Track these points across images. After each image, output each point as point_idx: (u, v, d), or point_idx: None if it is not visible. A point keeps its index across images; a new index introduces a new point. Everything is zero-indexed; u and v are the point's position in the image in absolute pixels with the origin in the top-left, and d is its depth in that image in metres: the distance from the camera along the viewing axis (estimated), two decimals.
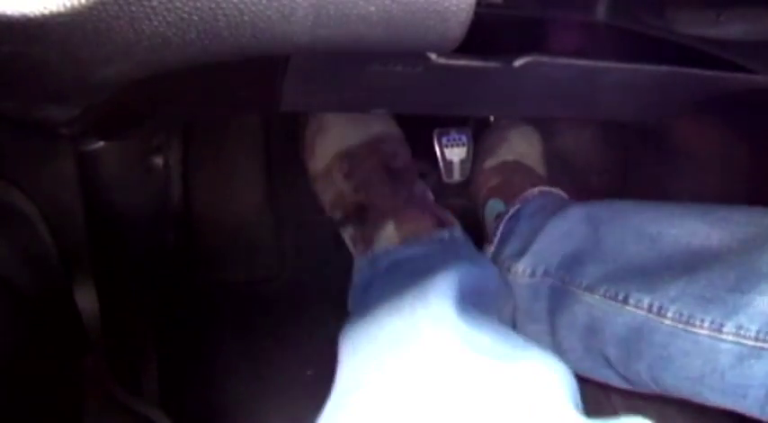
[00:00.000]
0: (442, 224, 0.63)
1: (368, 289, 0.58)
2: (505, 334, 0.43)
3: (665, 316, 0.49)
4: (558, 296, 0.59)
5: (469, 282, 0.50)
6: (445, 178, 0.77)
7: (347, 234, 0.66)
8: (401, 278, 0.52)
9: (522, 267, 0.62)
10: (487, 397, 0.35)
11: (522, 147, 0.78)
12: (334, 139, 0.69)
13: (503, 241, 0.66)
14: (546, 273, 0.60)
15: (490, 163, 0.77)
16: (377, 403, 0.37)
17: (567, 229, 0.60)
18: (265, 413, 0.63)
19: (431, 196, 0.68)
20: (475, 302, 0.48)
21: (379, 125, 0.69)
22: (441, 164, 0.77)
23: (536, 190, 0.70)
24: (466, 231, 0.81)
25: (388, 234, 0.61)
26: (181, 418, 0.62)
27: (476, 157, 0.79)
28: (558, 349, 0.60)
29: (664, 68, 0.50)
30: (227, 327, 0.71)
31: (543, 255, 0.61)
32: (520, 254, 0.62)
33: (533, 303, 0.61)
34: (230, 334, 0.70)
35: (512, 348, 0.40)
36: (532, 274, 0.61)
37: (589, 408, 0.70)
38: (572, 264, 0.58)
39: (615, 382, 0.57)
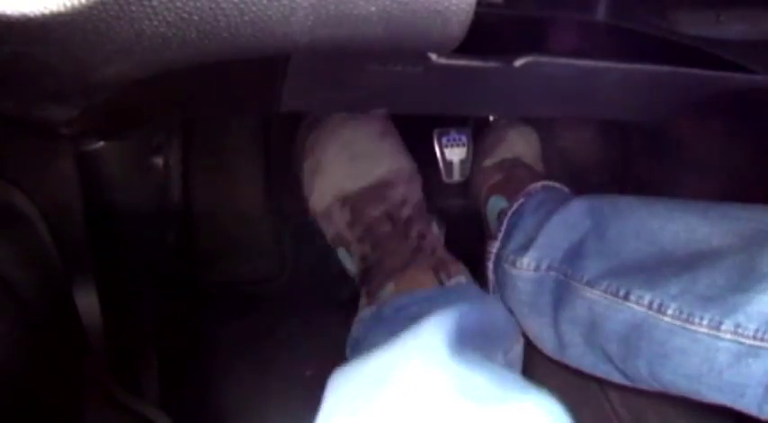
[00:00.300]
0: (447, 276, 0.61)
1: (366, 336, 0.57)
2: (503, 376, 0.41)
3: (665, 313, 0.49)
4: (561, 290, 0.59)
5: (470, 323, 0.48)
6: (445, 178, 0.77)
7: (356, 284, 0.65)
8: (400, 321, 0.51)
9: (526, 261, 0.62)
10: None
11: (520, 146, 0.78)
12: (334, 181, 0.65)
13: (507, 236, 0.66)
14: (550, 267, 0.60)
15: (490, 161, 0.77)
16: None
17: (570, 222, 0.60)
18: (265, 413, 0.63)
19: (440, 242, 0.66)
20: (476, 344, 0.46)
21: (386, 163, 0.64)
22: (441, 164, 0.77)
23: (539, 184, 0.70)
24: (466, 231, 0.81)
25: (389, 291, 0.61)
26: (181, 418, 0.62)
27: (475, 156, 0.79)
28: (559, 343, 0.60)
29: (664, 68, 0.50)
30: (227, 327, 0.70)
31: (547, 249, 0.61)
32: (524, 248, 0.62)
33: (538, 297, 0.61)
34: (230, 334, 0.70)
35: (505, 390, 0.38)
36: (537, 267, 0.61)
37: (587, 406, 0.71)
38: (574, 258, 0.58)
39: (615, 377, 0.57)
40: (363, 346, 0.55)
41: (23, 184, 0.44)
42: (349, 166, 0.64)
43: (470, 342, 0.45)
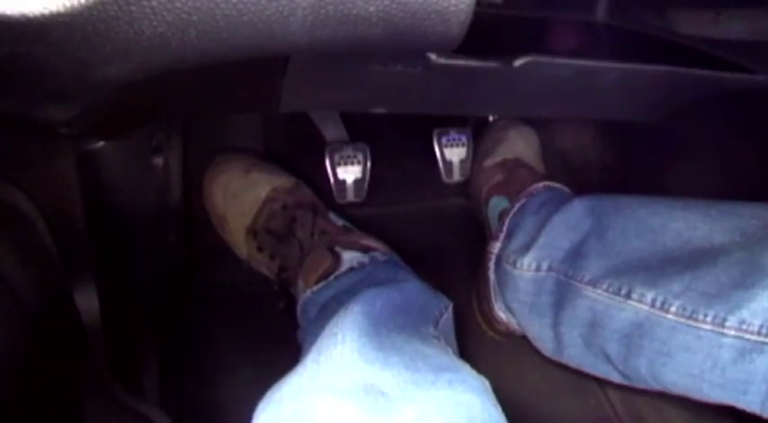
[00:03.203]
0: (342, 248, 0.64)
1: (305, 338, 0.59)
2: (420, 356, 0.43)
3: (668, 311, 0.49)
4: (561, 291, 0.59)
5: (384, 303, 0.50)
6: (445, 178, 0.77)
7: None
8: (321, 322, 0.52)
9: (527, 262, 0.62)
10: None
11: (520, 146, 0.78)
12: (236, 228, 0.70)
13: (508, 236, 0.66)
14: (551, 267, 0.60)
15: (490, 161, 0.77)
16: None
17: (571, 222, 0.60)
18: None
19: (338, 226, 0.68)
20: (393, 323, 0.48)
21: (258, 189, 0.70)
22: (441, 164, 0.77)
23: (540, 185, 0.70)
24: (466, 231, 0.81)
25: (302, 288, 0.63)
26: (181, 418, 0.62)
27: (475, 156, 0.79)
28: (558, 344, 0.60)
29: (664, 68, 0.50)
30: (227, 327, 0.70)
31: (548, 249, 0.61)
32: (526, 248, 0.62)
33: (538, 298, 0.61)
34: (230, 334, 0.70)
35: (422, 376, 0.40)
36: (538, 268, 0.61)
37: (587, 406, 0.71)
38: (575, 258, 0.58)
39: (615, 378, 0.57)
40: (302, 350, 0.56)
41: (23, 184, 0.44)
42: (235, 207, 0.70)
43: (387, 324, 0.47)
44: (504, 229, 0.67)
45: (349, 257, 0.63)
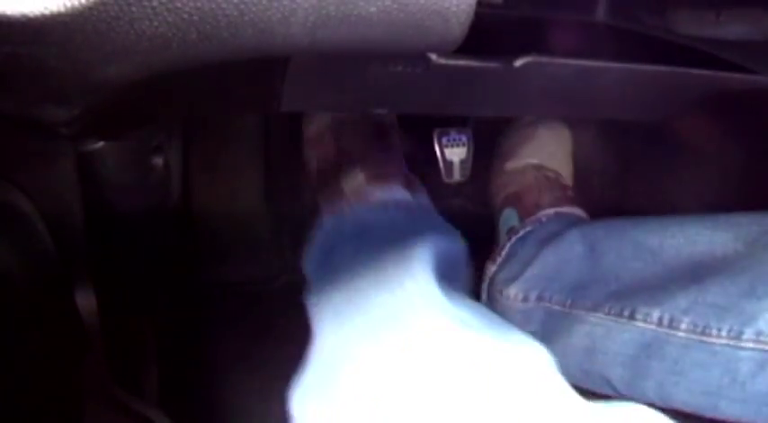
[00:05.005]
0: (409, 185, 0.60)
1: (330, 253, 0.55)
2: (483, 312, 0.43)
3: (677, 328, 0.48)
4: (554, 321, 0.58)
5: (441, 253, 0.48)
6: (445, 178, 0.77)
7: (322, 198, 0.63)
8: (373, 245, 0.49)
9: (513, 292, 0.61)
10: (493, 377, 0.35)
11: (549, 147, 0.75)
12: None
13: (505, 262, 0.66)
14: (540, 298, 0.59)
15: (512, 165, 0.75)
16: (374, 377, 0.36)
17: (562, 253, 0.60)
18: (265, 413, 0.63)
19: (400, 159, 0.66)
20: (447, 275, 0.46)
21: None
22: (441, 164, 0.77)
23: (552, 211, 0.68)
24: (465, 232, 0.81)
25: (358, 184, 0.59)
26: (181, 418, 0.62)
27: (496, 156, 0.77)
28: None
29: (664, 68, 0.50)
30: (227, 327, 0.70)
31: (536, 280, 0.60)
32: (513, 279, 0.62)
33: (524, 328, 0.60)
34: (230, 334, 0.70)
35: (497, 330, 0.39)
36: (525, 299, 0.60)
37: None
38: (575, 288, 0.57)
39: None
40: (331, 267, 0.51)
41: (23, 184, 0.44)
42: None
43: (444, 275, 0.46)
44: (504, 253, 0.67)
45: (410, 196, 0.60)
